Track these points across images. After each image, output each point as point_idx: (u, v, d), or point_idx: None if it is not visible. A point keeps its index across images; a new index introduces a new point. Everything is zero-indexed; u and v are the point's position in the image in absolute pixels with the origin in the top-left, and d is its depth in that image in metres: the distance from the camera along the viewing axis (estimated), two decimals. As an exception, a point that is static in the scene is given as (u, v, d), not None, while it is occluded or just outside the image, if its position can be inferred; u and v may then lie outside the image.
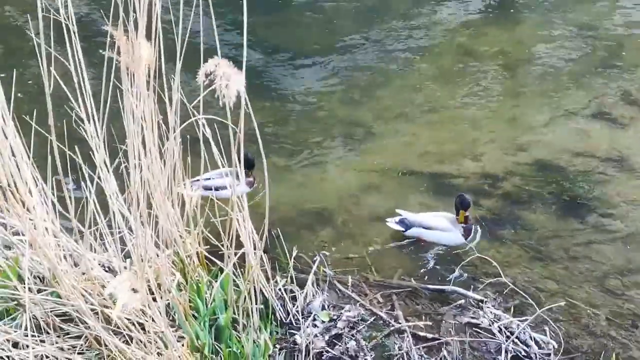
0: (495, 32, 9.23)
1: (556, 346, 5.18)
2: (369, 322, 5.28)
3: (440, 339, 5.18)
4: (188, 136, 4.87)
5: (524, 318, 5.29)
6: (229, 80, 3.65)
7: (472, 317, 5.37)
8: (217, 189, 5.78)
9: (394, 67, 8.67)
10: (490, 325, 5.29)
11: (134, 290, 3.41)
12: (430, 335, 5.21)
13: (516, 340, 5.16)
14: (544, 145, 7.30)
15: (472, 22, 9.48)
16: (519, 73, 8.57)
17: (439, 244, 6.20)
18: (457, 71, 8.52)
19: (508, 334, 5.21)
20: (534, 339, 5.20)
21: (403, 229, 6.19)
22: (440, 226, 6.12)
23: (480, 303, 5.49)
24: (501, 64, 8.66)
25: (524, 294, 5.50)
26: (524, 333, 5.20)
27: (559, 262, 5.97)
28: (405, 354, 5.05)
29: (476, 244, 6.13)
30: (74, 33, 4.04)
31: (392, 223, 6.23)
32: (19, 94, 4.32)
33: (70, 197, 4.30)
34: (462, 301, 5.51)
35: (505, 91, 8.20)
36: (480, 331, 5.27)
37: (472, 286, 5.65)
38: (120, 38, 3.79)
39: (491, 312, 5.40)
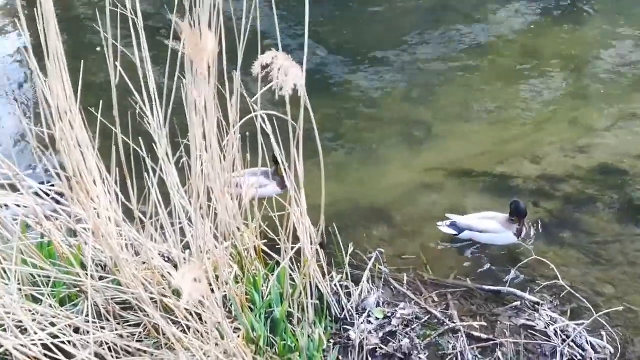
0: (559, 33, 9.12)
1: (613, 351, 5.11)
2: (423, 320, 5.28)
3: (494, 340, 5.15)
4: (247, 133, 4.93)
5: (580, 322, 5.22)
6: (286, 73, 3.68)
7: (528, 319, 5.33)
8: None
9: (455, 67, 8.63)
10: (546, 328, 5.24)
11: (197, 281, 3.47)
12: (484, 336, 5.18)
13: (572, 344, 5.11)
14: (606, 148, 7.19)
15: (535, 22, 9.38)
16: (582, 74, 8.46)
17: (492, 245, 6.16)
18: (518, 71, 8.45)
19: (564, 337, 5.16)
20: (591, 343, 5.14)
21: (456, 233, 6.16)
22: (491, 228, 6.07)
23: (536, 305, 5.44)
24: (564, 65, 8.56)
25: (581, 298, 5.43)
26: (581, 337, 5.14)
27: (618, 267, 5.88)
28: (459, 354, 5.03)
29: (530, 243, 6.08)
30: (140, 27, 4.12)
31: (444, 227, 6.19)
32: (86, 86, 4.42)
33: (133, 188, 4.39)
34: (518, 303, 5.47)
35: (568, 92, 8.10)
36: (536, 334, 5.23)
37: (528, 288, 5.60)
38: (185, 28, 3.85)
39: (547, 315, 5.35)
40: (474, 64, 8.67)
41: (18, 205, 4.82)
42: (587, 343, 5.13)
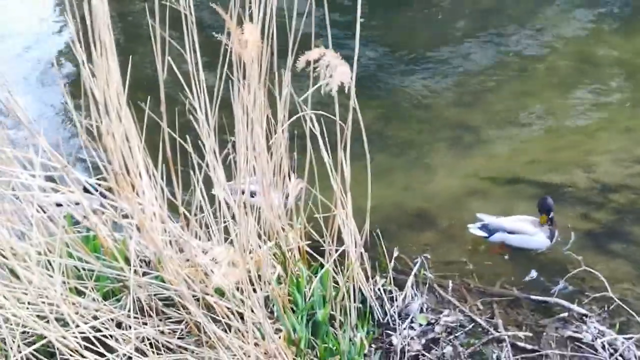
0: (617, 40, 8.94)
1: (661, 367, 4.99)
2: (467, 328, 5.20)
3: (540, 351, 5.05)
4: (296, 131, 4.89)
5: (629, 336, 5.10)
6: (334, 70, 3.64)
7: (575, 331, 5.22)
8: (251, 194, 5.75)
9: (508, 72, 8.51)
10: (593, 341, 5.13)
11: (233, 265, 3.45)
12: (529, 346, 5.08)
13: (620, 358, 4.99)
14: (662, 158, 7.04)
15: (592, 29, 9.21)
16: (638, 83, 8.28)
17: (522, 247, 6.05)
18: (573, 78, 8.30)
19: (612, 350, 5.04)
20: (639, 357, 5.02)
21: (486, 235, 6.06)
22: (524, 230, 5.98)
23: (584, 317, 5.33)
24: (621, 73, 8.39)
25: (630, 311, 5.31)
26: (629, 351, 5.02)
27: (669, 282, 5.75)
28: (503, 364, 4.96)
29: (566, 248, 5.98)
30: (191, 22, 4.12)
31: (474, 229, 6.10)
32: (135, 81, 4.43)
33: (178, 184, 4.39)
34: (565, 314, 5.36)
35: (624, 101, 7.93)
36: (583, 346, 5.12)
37: (576, 299, 5.49)
38: (230, 22, 3.85)
39: (595, 328, 5.23)
40: (528, 69, 8.54)
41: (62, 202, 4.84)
42: (635, 357, 5.01)
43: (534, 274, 5.87)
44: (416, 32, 9.38)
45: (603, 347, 5.08)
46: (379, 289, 5.29)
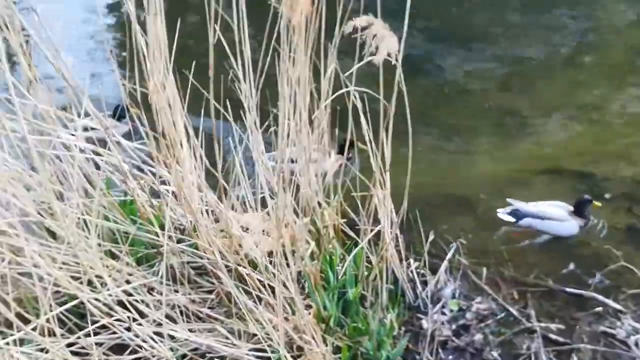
0: (673, 34, 8.77)
1: (695, 368, 4.90)
2: (499, 317, 5.16)
3: (571, 344, 4.99)
4: (338, 107, 4.85)
5: (664, 335, 5.02)
6: (382, 40, 3.59)
7: (609, 327, 5.14)
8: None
9: (558, 60, 8.39)
10: (626, 337, 5.04)
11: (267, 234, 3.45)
12: (561, 339, 5.02)
13: (653, 356, 4.92)
14: None
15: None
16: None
17: (551, 234, 5.99)
18: (625, 70, 8.15)
19: (646, 349, 4.97)
20: (673, 357, 4.94)
21: (514, 220, 5.99)
22: (556, 215, 5.91)
23: (619, 313, 5.24)
24: (676, 65, 8.23)
25: (667, 310, 5.22)
26: (663, 351, 4.95)
27: None
28: (533, 354, 4.89)
29: (601, 236, 5.94)
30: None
31: (503, 214, 6.03)
32: (181, 48, 4.42)
33: (219, 154, 4.39)
34: (600, 309, 5.28)
35: (676, 95, 7.78)
36: (616, 342, 5.04)
37: (612, 295, 5.40)
38: None
39: (630, 325, 5.15)
40: (579, 57, 8.42)
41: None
42: (669, 357, 4.93)
43: (571, 266, 5.79)
44: (468, 15, 9.26)
45: (636, 345, 5.00)
46: (411, 272, 5.26)
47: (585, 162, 6.82)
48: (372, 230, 4.87)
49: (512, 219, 6.02)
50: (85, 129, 4.92)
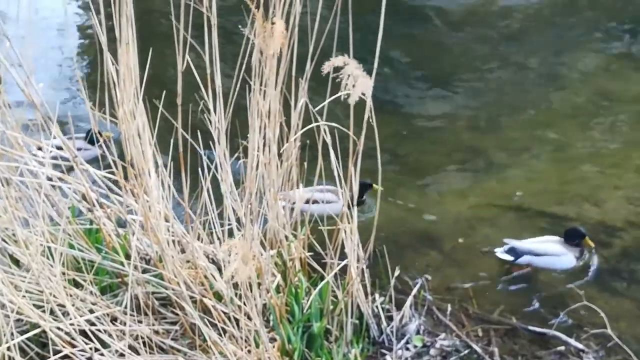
0: (637, 76, 8.90)
1: (653, 410, 4.94)
2: (462, 353, 5.16)
3: (534, 383, 5.02)
4: (308, 141, 4.88)
5: (625, 375, 5.07)
6: (355, 81, 3.64)
7: (571, 366, 5.19)
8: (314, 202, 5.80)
9: (525, 100, 8.49)
10: (588, 377, 5.09)
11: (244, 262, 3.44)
12: (524, 378, 5.06)
13: (614, 397, 4.95)
14: (672, 199, 6.99)
15: (612, 64, 9.18)
16: (657, 123, 8.24)
17: (550, 269, 6.07)
18: (590, 112, 8.26)
19: (606, 389, 5.01)
20: (633, 399, 4.98)
21: (513, 258, 6.04)
22: (552, 251, 6.00)
23: (581, 352, 5.28)
24: (639, 110, 8.34)
25: (628, 350, 5.24)
26: (624, 391, 4.99)
27: (670, 324, 5.69)
28: (495, 393, 4.92)
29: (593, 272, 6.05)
30: (213, 24, 4.12)
31: (501, 253, 6.08)
32: (152, 78, 4.43)
33: (186, 184, 4.39)
34: (562, 348, 5.31)
35: (639, 139, 7.88)
36: (577, 381, 5.09)
37: (574, 334, 5.43)
38: (257, 12, 3.85)
39: (591, 364, 5.20)
40: (545, 98, 8.52)
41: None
42: (630, 398, 4.97)
43: (535, 304, 5.83)
44: (437, 53, 9.37)
45: (597, 384, 5.05)
46: (377, 307, 5.25)
47: (550, 202, 6.89)
48: (338, 264, 4.87)
49: (510, 258, 6.06)
50: (54, 157, 4.89)
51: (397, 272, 5.46)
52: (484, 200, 6.92)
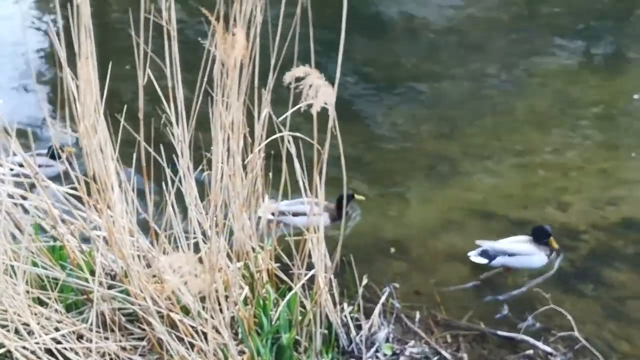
0: (597, 81, 9.02)
1: (622, 410, 4.99)
2: (432, 360, 5.19)
3: (504, 388, 5.04)
4: (272, 151, 4.87)
5: (593, 377, 5.11)
6: (317, 91, 3.63)
7: (540, 370, 5.22)
8: (294, 214, 5.93)
9: (488, 106, 8.55)
10: (557, 380, 5.13)
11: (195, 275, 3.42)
12: (494, 383, 5.08)
13: (583, 399, 4.99)
14: (635, 201, 7.05)
15: (573, 69, 9.29)
16: (617, 125, 8.33)
17: (524, 268, 6.20)
18: (552, 117, 8.35)
19: (575, 391, 5.05)
20: (602, 400, 5.02)
21: (487, 261, 6.14)
22: (525, 251, 6.11)
23: (549, 356, 5.31)
24: (599, 113, 8.44)
25: (595, 352, 5.29)
26: (593, 392, 5.03)
27: (635, 324, 5.73)
28: (466, 398, 4.93)
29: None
30: (173, 37, 4.10)
31: (475, 257, 6.18)
32: (114, 93, 4.40)
33: (150, 198, 4.35)
34: (531, 352, 5.34)
35: (601, 142, 7.98)
36: (547, 385, 5.12)
37: (542, 337, 5.47)
38: (216, 24, 3.84)
39: (560, 367, 5.23)
40: (506, 104, 8.59)
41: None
42: (598, 399, 5.01)
43: (504, 309, 5.86)
44: (398, 62, 9.41)
45: (566, 387, 5.08)
46: (345, 316, 5.24)
47: (514, 207, 6.94)
48: (305, 275, 4.85)
49: (484, 260, 6.16)
50: (16, 175, 4.82)
51: (364, 281, 5.46)
52: (449, 206, 6.96)
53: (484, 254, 6.16)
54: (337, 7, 3.89)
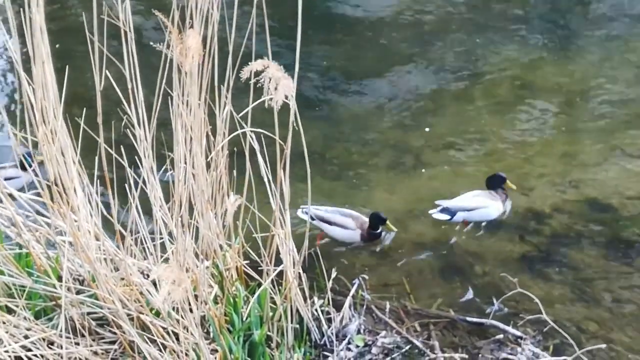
0: (554, 67, 9.10)
1: (593, 389, 5.07)
2: (403, 350, 5.21)
3: (475, 373, 5.09)
4: (235, 149, 4.86)
5: (562, 358, 5.16)
6: (277, 83, 3.63)
7: (510, 353, 5.27)
8: (329, 223, 6.16)
9: (448, 95, 8.59)
10: (528, 363, 5.19)
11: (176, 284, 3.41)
12: (466, 368, 5.13)
13: (554, 380, 5.05)
14: (596, 184, 7.15)
15: (531, 56, 9.34)
16: (576, 109, 8.42)
17: (485, 220, 6.51)
18: (512, 103, 8.41)
19: (546, 373, 5.11)
20: (572, 380, 5.09)
21: (449, 217, 6.43)
22: (482, 204, 6.46)
23: (519, 339, 5.38)
24: (558, 98, 8.52)
25: (564, 334, 5.36)
26: (563, 373, 5.09)
27: (602, 304, 5.83)
28: (439, 385, 4.97)
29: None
30: (131, 39, 4.08)
31: (437, 214, 6.47)
32: (73, 96, 4.37)
33: (114, 201, 4.33)
34: (501, 336, 5.40)
35: (560, 126, 8.06)
36: (518, 368, 5.17)
37: (511, 321, 5.54)
38: (172, 28, 3.83)
39: (529, 350, 5.29)
40: (466, 93, 8.63)
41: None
42: (569, 380, 5.08)
43: (470, 294, 5.91)
44: (358, 55, 9.42)
45: (537, 369, 5.14)
46: (316, 310, 5.26)
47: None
48: (274, 271, 4.86)
49: (446, 217, 6.46)
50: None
51: (334, 274, 5.48)
52: (415, 196, 6.99)
53: (444, 211, 6.48)
54: (294, 4, 3.91)
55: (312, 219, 6.00)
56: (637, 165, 7.41)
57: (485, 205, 6.50)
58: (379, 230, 6.24)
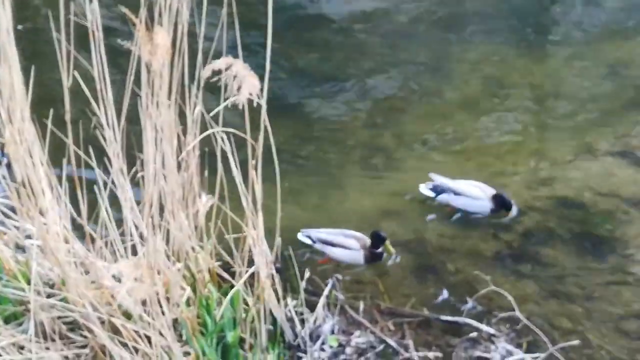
0: (525, 65, 9.12)
1: (567, 385, 5.09)
2: (378, 349, 5.21)
3: (450, 371, 5.09)
4: (206, 148, 4.82)
5: (536, 355, 5.18)
6: (242, 81, 3.60)
7: (484, 351, 5.28)
8: (333, 244, 6.01)
9: (420, 94, 8.59)
10: (501, 361, 5.20)
11: (139, 280, 3.38)
12: (440, 367, 5.13)
13: (528, 377, 5.06)
14: (568, 181, 7.17)
15: (502, 54, 9.36)
16: (547, 107, 8.47)
17: (465, 210, 6.44)
18: (483, 101, 8.42)
19: (520, 370, 5.12)
20: (546, 377, 5.11)
21: (434, 195, 6.43)
22: (472, 194, 6.36)
23: (492, 337, 5.39)
24: (529, 96, 8.56)
25: (537, 331, 5.38)
26: (536, 370, 5.11)
27: (575, 301, 5.85)
28: (413, 384, 4.97)
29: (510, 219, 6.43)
30: (99, 39, 4.03)
31: (425, 189, 6.49)
32: (41, 97, 4.31)
33: (83, 203, 4.28)
34: (475, 334, 5.41)
35: (532, 124, 8.09)
36: (491, 366, 5.18)
37: (485, 319, 5.55)
38: (139, 25, 3.79)
39: (503, 347, 5.30)
40: (437, 91, 8.63)
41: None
42: (543, 376, 5.09)
43: (445, 294, 5.91)
44: (329, 54, 9.40)
45: (511, 367, 5.15)
46: (290, 311, 5.24)
47: (452, 192, 7.00)
48: (247, 272, 4.83)
49: (432, 194, 6.47)
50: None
51: (307, 274, 5.47)
52: (387, 195, 6.98)
53: (434, 188, 6.47)
54: (266, 4, 3.89)
55: (314, 241, 5.99)
56: (607, 162, 7.45)
57: (474, 196, 6.40)
58: (379, 250, 6.01)
